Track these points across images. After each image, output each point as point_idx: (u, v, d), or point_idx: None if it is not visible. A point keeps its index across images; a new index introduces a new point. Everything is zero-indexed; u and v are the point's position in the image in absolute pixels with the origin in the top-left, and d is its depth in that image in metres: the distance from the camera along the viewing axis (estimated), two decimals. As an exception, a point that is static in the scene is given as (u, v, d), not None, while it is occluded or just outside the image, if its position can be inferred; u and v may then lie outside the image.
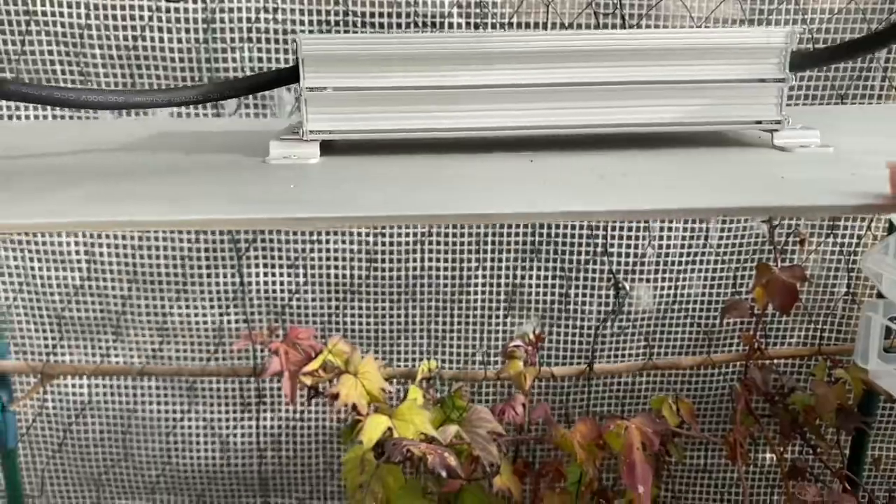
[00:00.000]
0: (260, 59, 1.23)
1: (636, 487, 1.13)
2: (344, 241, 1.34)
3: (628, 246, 1.36)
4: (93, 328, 1.34)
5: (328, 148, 0.55)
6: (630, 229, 1.35)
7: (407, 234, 1.34)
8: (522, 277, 1.37)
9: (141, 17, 1.19)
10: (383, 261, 1.35)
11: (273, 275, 1.35)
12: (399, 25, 1.20)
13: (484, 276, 1.37)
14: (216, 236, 1.31)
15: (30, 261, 1.30)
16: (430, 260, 1.36)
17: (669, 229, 1.35)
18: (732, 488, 1.54)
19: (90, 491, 1.44)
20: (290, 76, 0.53)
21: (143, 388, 1.38)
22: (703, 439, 1.47)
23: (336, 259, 1.35)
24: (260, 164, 0.54)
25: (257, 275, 1.34)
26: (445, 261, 1.36)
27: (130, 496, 1.45)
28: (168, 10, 1.18)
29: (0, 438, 1.35)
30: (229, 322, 1.37)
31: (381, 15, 1.22)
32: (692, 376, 1.46)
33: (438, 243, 1.35)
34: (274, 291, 1.36)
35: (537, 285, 1.38)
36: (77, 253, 1.30)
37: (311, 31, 1.21)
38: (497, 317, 1.40)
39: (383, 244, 1.34)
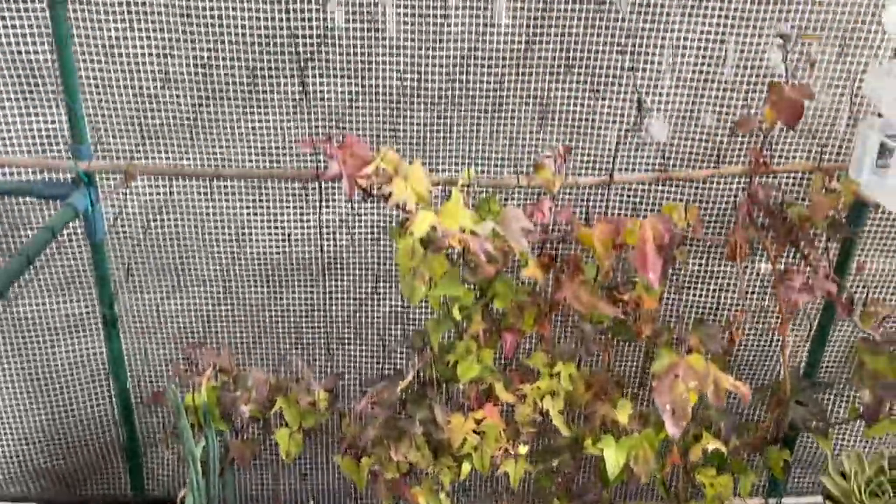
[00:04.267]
0: None
1: (647, 275, 1.33)
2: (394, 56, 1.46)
3: (650, 64, 1.48)
4: (169, 134, 1.50)
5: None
6: (655, 49, 1.46)
7: (451, 54, 1.46)
8: (553, 92, 1.50)
9: None
10: (431, 74, 1.49)
11: (332, 84, 1.49)
12: None
13: (518, 92, 1.50)
14: (280, 47, 1.44)
15: (110, 71, 1.44)
16: (472, 74, 1.48)
17: (684, 49, 1.46)
18: (729, 292, 1.74)
19: (170, 278, 1.65)
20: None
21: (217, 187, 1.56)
22: (708, 240, 1.65)
23: (388, 72, 1.48)
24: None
25: (314, 84, 1.49)
26: (484, 75, 1.49)
27: (205, 282, 1.66)
28: None
29: (90, 230, 1.54)
30: (291, 129, 1.52)
31: None
32: (703, 188, 1.61)
33: (481, 63, 1.47)
34: (331, 100, 1.50)
35: (566, 100, 1.52)
36: (151, 63, 1.44)
37: None
38: (530, 131, 1.55)
39: (433, 59, 1.47)
